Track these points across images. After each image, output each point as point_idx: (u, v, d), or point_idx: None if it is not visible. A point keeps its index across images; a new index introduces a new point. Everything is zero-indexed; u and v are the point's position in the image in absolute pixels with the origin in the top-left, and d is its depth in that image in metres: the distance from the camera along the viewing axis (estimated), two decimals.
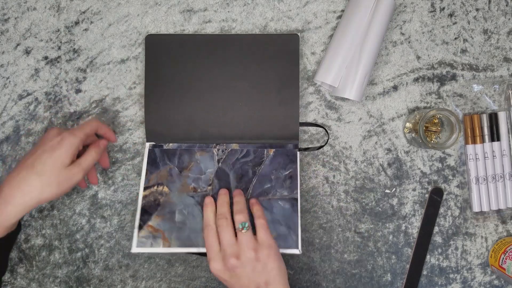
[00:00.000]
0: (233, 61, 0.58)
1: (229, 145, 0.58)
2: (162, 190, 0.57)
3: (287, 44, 0.58)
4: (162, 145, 0.59)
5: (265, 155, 0.58)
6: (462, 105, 0.62)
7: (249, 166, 0.58)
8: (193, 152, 0.58)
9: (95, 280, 0.61)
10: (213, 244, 0.51)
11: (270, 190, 0.57)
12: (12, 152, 0.60)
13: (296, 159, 0.58)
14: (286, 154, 0.58)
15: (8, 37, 0.60)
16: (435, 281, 0.62)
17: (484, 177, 0.62)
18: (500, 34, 0.63)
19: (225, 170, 0.58)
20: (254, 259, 0.49)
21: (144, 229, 0.55)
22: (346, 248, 0.62)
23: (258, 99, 0.58)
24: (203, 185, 0.57)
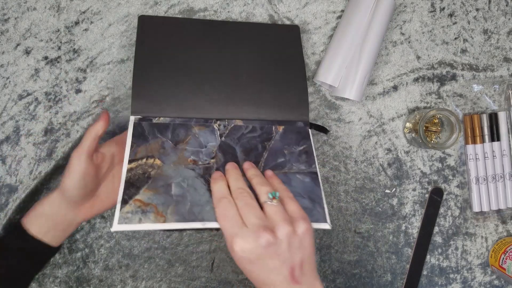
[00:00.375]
0: (234, 46, 0.55)
1: (232, 121, 0.53)
2: (153, 163, 0.49)
3: (287, 35, 0.57)
4: (151, 118, 0.52)
5: (274, 131, 0.52)
6: (462, 105, 0.62)
7: (258, 141, 0.51)
8: (189, 127, 0.52)
9: (95, 280, 0.61)
10: (235, 217, 0.41)
11: (285, 164, 0.50)
12: (12, 152, 0.60)
13: (309, 136, 0.53)
14: (297, 131, 0.53)
15: (8, 37, 0.60)
16: (435, 281, 0.62)
17: (484, 177, 0.62)
18: (500, 34, 0.63)
19: (230, 144, 0.51)
20: (291, 233, 0.40)
21: (130, 204, 0.45)
22: (346, 248, 0.62)
23: (262, 79, 0.54)
24: (204, 157, 0.49)
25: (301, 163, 0.50)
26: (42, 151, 0.60)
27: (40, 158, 0.60)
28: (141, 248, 0.61)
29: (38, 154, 0.60)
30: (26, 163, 0.60)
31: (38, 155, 0.60)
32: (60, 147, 0.60)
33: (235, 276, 0.61)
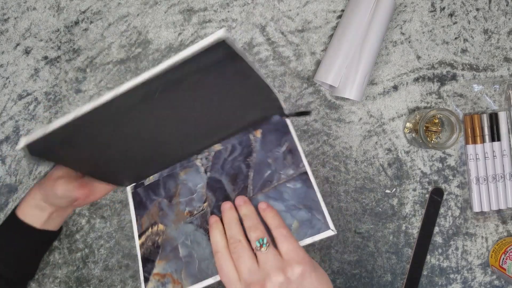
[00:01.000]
0: (168, 102, 0.40)
1: (211, 149, 0.51)
2: (157, 230, 0.50)
3: (218, 54, 0.35)
4: (143, 182, 0.52)
5: (253, 140, 0.49)
6: (463, 105, 0.62)
7: (240, 160, 0.49)
8: (176, 175, 0.51)
9: (95, 280, 0.61)
10: (230, 273, 0.40)
11: (273, 176, 0.48)
12: (11, 152, 0.60)
13: (288, 129, 0.49)
14: (275, 129, 0.49)
15: (8, 37, 0.60)
16: (436, 282, 0.62)
17: (484, 177, 0.62)
18: (501, 34, 0.63)
19: (216, 177, 0.50)
20: (284, 282, 0.38)
21: (151, 281, 0.48)
22: (346, 248, 0.62)
23: (220, 103, 0.44)
24: (197, 204, 0.49)
25: (288, 166, 0.48)
26: None
27: None
28: None
29: None
30: (26, 163, 0.60)
31: None
32: None
33: None
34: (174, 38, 0.61)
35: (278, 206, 0.46)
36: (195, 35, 0.61)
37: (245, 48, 0.61)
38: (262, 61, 0.61)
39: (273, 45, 0.61)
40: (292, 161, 0.48)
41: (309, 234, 0.44)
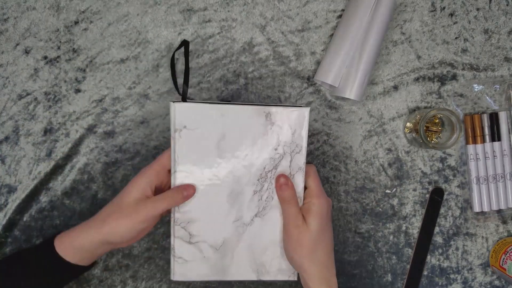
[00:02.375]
0: None
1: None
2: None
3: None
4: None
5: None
6: (463, 105, 0.62)
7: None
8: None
9: (95, 280, 0.61)
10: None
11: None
12: (11, 152, 0.60)
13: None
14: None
15: (8, 37, 0.60)
16: (436, 282, 0.62)
17: (484, 177, 0.61)
18: (501, 34, 0.63)
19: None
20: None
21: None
22: (346, 248, 0.62)
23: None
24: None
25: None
26: (41, 151, 0.60)
27: (39, 158, 0.60)
28: (141, 249, 0.61)
29: (38, 154, 0.60)
30: (26, 163, 0.60)
31: (37, 155, 0.60)
32: (60, 147, 0.60)
33: None
34: (174, 38, 0.60)
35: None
36: (195, 35, 0.61)
37: (245, 48, 0.61)
38: (262, 61, 0.61)
39: (273, 44, 0.61)
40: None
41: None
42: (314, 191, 0.49)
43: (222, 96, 0.61)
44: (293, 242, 0.48)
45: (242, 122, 0.48)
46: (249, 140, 0.48)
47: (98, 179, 0.60)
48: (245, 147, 0.48)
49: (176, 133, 0.47)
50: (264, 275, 0.52)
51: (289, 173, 0.49)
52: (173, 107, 0.47)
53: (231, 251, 0.51)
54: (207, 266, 0.51)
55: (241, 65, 0.61)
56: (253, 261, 0.51)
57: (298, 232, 0.48)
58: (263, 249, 0.51)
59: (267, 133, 0.48)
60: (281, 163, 0.49)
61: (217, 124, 0.47)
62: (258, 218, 0.50)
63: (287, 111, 0.48)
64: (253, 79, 0.61)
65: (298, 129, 0.48)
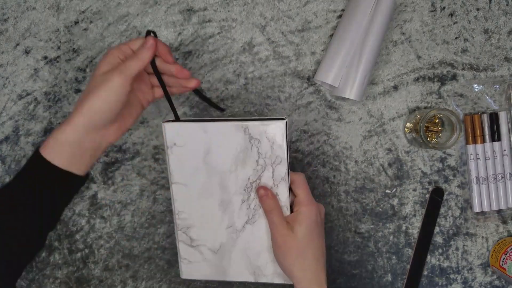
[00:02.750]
0: None
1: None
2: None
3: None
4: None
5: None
6: (463, 105, 0.62)
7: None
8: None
9: (95, 280, 0.61)
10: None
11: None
12: (11, 152, 0.60)
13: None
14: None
15: (8, 37, 0.60)
16: (436, 282, 0.62)
17: (484, 177, 0.61)
18: (501, 34, 0.63)
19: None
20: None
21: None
22: (346, 248, 0.62)
23: None
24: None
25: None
26: None
27: None
28: (141, 249, 0.61)
29: None
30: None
31: None
32: None
33: None
34: (174, 38, 0.60)
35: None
36: (195, 35, 0.61)
37: (245, 48, 0.61)
38: (262, 61, 0.61)
39: (273, 44, 0.61)
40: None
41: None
42: (302, 200, 0.50)
43: (222, 96, 0.61)
44: (280, 249, 0.49)
45: (224, 137, 0.50)
46: (232, 153, 0.51)
47: (98, 179, 0.60)
48: (229, 160, 0.51)
49: (168, 149, 0.51)
50: (261, 277, 0.54)
51: (273, 183, 0.51)
52: (163, 127, 0.51)
53: (228, 255, 0.54)
54: (209, 267, 0.54)
55: (241, 65, 0.61)
56: (249, 264, 0.54)
57: (284, 240, 0.49)
58: (257, 253, 0.53)
59: (248, 147, 0.50)
60: (264, 174, 0.51)
61: (202, 140, 0.50)
62: (248, 225, 0.53)
63: (263, 125, 0.49)
64: (253, 79, 0.61)
65: (277, 141, 0.49)
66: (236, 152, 0.50)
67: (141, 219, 0.61)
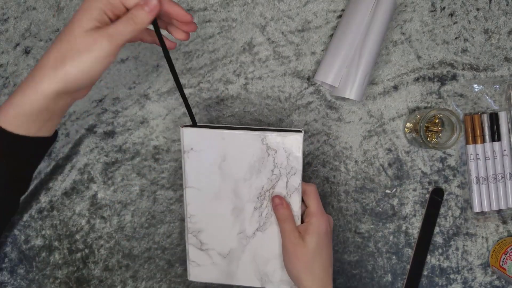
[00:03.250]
0: None
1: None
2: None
3: None
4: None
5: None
6: (463, 105, 0.62)
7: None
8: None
9: (95, 280, 0.61)
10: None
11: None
12: None
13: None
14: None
15: (8, 37, 0.60)
16: (436, 282, 0.62)
17: (484, 177, 0.61)
18: (501, 34, 0.63)
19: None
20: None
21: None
22: (346, 248, 0.62)
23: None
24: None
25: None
26: None
27: None
28: (141, 249, 0.61)
29: None
30: None
31: None
32: (60, 147, 0.60)
33: None
34: (174, 38, 0.60)
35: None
36: (195, 35, 0.61)
37: (245, 48, 0.61)
38: (262, 61, 0.61)
39: (273, 45, 0.61)
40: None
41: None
42: (313, 211, 0.51)
43: (222, 96, 0.61)
44: (290, 257, 0.50)
45: (241, 146, 0.51)
46: (248, 162, 0.51)
47: (98, 179, 0.61)
48: (244, 168, 0.51)
49: (185, 154, 0.52)
50: (267, 284, 0.55)
51: (286, 193, 0.52)
52: (181, 131, 0.51)
53: (236, 260, 0.54)
54: (217, 270, 0.55)
55: (241, 65, 0.61)
56: (257, 270, 0.54)
57: (294, 248, 0.49)
58: (266, 260, 0.54)
59: (264, 156, 0.51)
60: (278, 183, 0.51)
61: (219, 147, 0.51)
62: (259, 232, 0.53)
63: (281, 136, 0.50)
64: (253, 79, 0.61)
65: (293, 152, 0.50)
66: (252, 161, 0.51)
67: (141, 219, 0.61)
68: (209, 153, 0.51)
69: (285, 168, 0.51)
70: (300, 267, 0.49)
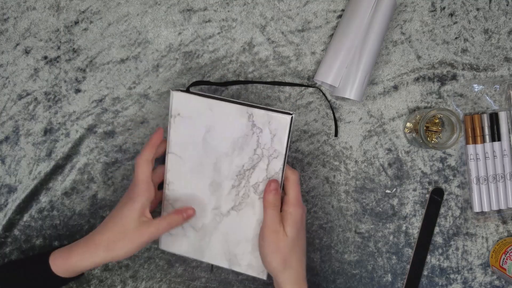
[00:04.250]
0: None
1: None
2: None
3: None
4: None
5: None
6: (463, 105, 0.62)
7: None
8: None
9: (95, 280, 0.61)
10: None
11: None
12: (11, 152, 0.60)
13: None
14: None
15: (8, 37, 0.60)
16: (436, 282, 0.62)
17: (484, 177, 0.61)
18: (501, 34, 0.63)
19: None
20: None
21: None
22: (346, 248, 0.62)
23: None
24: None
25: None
26: (41, 151, 0.60)
27: (39, 158, 0.60)
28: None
29: (38, 154, 0.60)
30: (26, 163, 0.60)
31: (37, 155, 0.60)
32: (60, 147, 0.60)
33: (235, 277, 0.61)
34: (174, 38, 0.60)
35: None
36: (195, 35, 0.61)
37: (245, 48, 0.61)
38: (262, 61, 0.61)
39: (273, 44, 0.61)
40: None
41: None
42: (293, 200, 0.50)
43: (222, 96, 0.61)
44: (270, 247, 0.49)
45: (227, 119, 0.49)
46: (232, 136, 0.50)
47: (98, 179, 0.60)
48: (228, 143, 0.50)
49: (171, 118, 0.51)
50: (235, 266, 0.54)
51: (265, 176, 0.50)
52: (171, 94, 0.50)
53: (208, 236, 0.53)
54: (188, 244, 0.54)
55: (241, 65, 0.61)
56: (227, 250, 0.53)
57: (276, 237, 0.49)
58: (237, 242, 0.53)
59: (248, 134, 0.49)
60: (259, 164, 0.50)
61: (205, 116, 0.50)
62: (234, 211, 0.52)
63: (269, 115, 0.48)
64: (253, 79, 0.61)
65: (278, 134, 0.48)
66: (236, 136, 0.49)
67: None
68: (195, 121, 0.50)
69: (268, 150, 0.49)
70: (279, 258, 0.49)
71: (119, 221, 0.49)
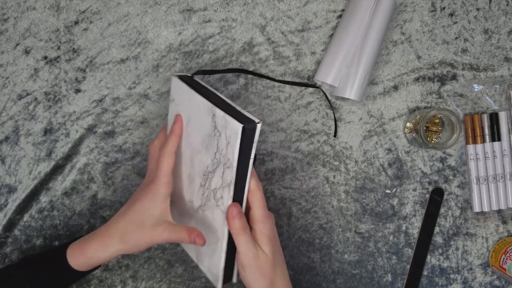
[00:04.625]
0: None
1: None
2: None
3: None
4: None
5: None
6: (463, 105, 0.62)
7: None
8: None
9: (95, 280, 0.61)
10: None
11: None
12: (11, 152, 0.60)
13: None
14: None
15: (8, 37, 0.60)
16: (436, 282, 0.62)
17: (484, 177, 0.61)
18: (501, 34, 0.63)
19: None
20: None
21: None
22: (346, 248, 0.62)
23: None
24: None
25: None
26: (41, 151, 0.60)
27: (39, 158, 0.60)
28: None
29: (38, 154, 0.60)
30: (26, 163, 0.60)
31: (37, 155, 0.60)
32: (60, 147, 0.60)
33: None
34: (174, 38, 0.60)
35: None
36: (195, 35, 0.61)
37: (245, 48, 0.61)
38: (262, 61, 0.61)
39: (273, 44, 0.61)
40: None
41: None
42: (259, 217, 0.46)
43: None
44: (254, 274, 0.46)
45: (199, 114, 0.46)
46: (202, 134, 0.46)
47: (98, 179, 0.60)
48: (199, 139, 0.46)
49: (170, 102, 0.52)
50: (200, 263, 0.52)
51: (220, 185, 0.45)
52: (172, 79, 0.50)
53: (186, 224, 0.52)
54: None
55: (241, 65, 0.61)
56: (196, 246, 0.51)
57: (258, 262, 0.46)
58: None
59: (211, 135, 0.44)
60: (217, 170, 0.45)
61: (187, 107, 0.48)
62: (200, 210, 0.49)
63: (226, 118, 0.42)
64: (253, 79, 0.61)
65: (231, 143, 0.41)
66: (204, 134, 0.45)
67: None
68: (182, 110, 0.49)
69: (223, 157, 0.43)
70: (265, 283, 0.46)
71: (138, 212, 0.47)
